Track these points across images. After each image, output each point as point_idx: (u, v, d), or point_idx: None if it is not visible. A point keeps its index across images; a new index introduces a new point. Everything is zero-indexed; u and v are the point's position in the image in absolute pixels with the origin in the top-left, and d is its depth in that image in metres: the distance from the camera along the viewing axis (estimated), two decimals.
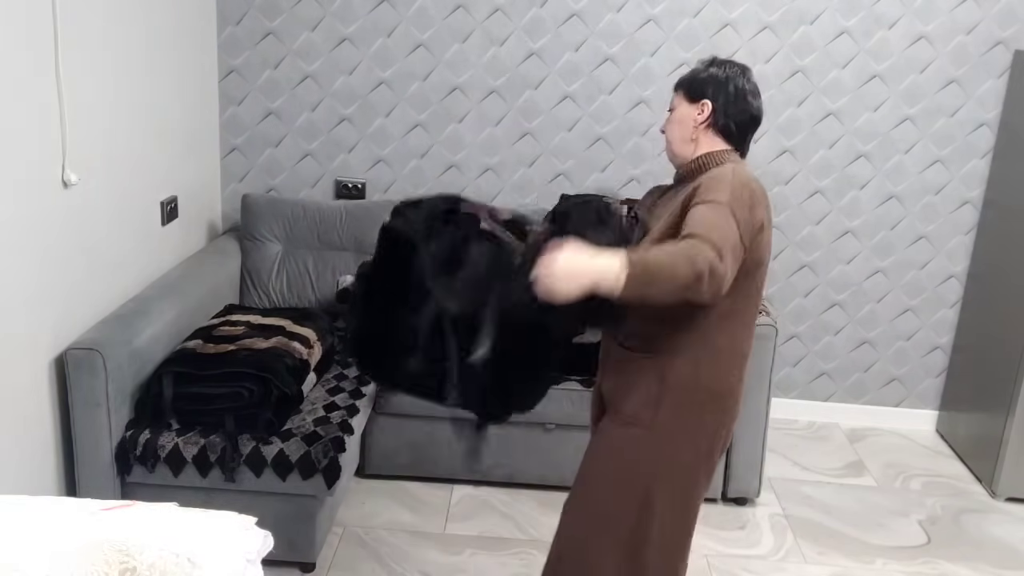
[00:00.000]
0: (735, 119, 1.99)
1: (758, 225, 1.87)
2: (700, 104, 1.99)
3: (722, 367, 1.99)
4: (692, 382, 1.97)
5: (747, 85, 2.02)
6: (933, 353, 3.86)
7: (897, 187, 3.68)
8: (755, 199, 1.88)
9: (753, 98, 2.02)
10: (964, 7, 3.46)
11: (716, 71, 2.02)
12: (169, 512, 1.53)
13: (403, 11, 3.54)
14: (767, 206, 1.92)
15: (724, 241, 1.75)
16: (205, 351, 2.69)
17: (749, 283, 1.92)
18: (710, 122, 1.99)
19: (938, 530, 3.16)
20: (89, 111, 2.61)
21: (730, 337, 1.98)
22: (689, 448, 2.01)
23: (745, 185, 1.88)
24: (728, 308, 1.92)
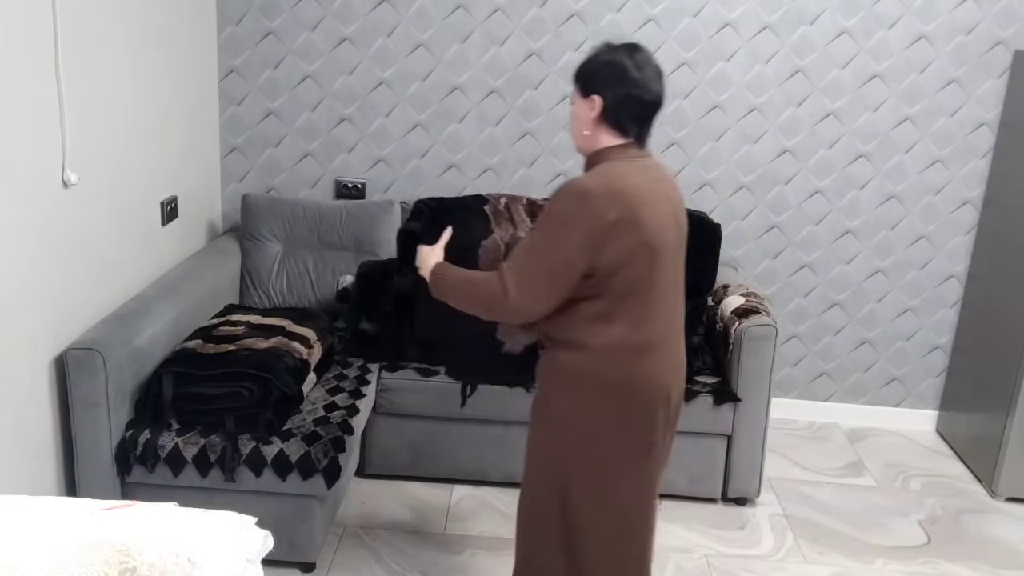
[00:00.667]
0: (626, 112, 1.98)
1: (602, 231, 1.88)
2: (591, 99, 1.98)
3: (614, 360, 1.99)
4: (579, 375, 2.00)
5: (637, 74, 1.97)
6: (933, 353, 3.86)
7: (897, 187, 3.68)
8: (589, 215, 1.88)
9: (647, 84, 1.98)
10: (964, 7, 3.46)
11: (604, 60, 1.99)
12: (169, 512, 1.53)
13: (403, 11, 3.54)
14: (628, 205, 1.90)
15: (524, 276, 1.92)
16: (205, 351, 2.69)
17: (615, 285, 1.94)
18: (602, 117, 1.98)
19: (938, 530, 3.16)
20: (89, 111, 2.61)
21: (614, 335, 1.97)
22: (591, 439, 2.03)
23: (584, 200, 1.89)
24: (602, 310, 1.96)
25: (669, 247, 1.99)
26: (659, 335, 2.02)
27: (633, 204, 1.91)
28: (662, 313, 2.02)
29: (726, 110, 3.62)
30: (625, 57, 1.97)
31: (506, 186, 3.72)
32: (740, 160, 3.67)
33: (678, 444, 3.15)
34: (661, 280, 1.99)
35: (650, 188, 1.96)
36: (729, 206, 3.72)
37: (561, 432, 2.04)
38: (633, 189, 1.93)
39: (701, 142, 3.66)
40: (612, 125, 1.99)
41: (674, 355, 2.08)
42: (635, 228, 1.91)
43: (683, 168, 3.68)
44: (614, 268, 1.92)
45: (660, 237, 1.96)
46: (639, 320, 1.98)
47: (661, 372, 2.03)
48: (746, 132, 3.64)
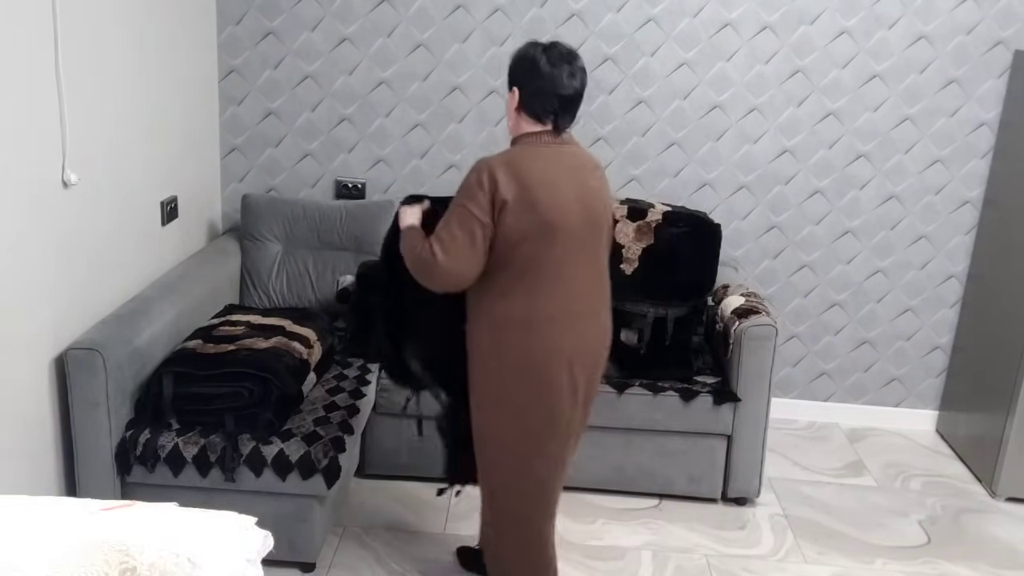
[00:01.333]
0: (540, 103, 2.18)
1: (499, 206, 2.11)
2: (513, 91, 2.21)
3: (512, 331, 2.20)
4: (484, 349, 2.25)
5: (548, 68, 2.17)
6: (933, 353, 3.86)
7: (897, 187, 3.68)
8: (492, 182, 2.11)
9: (558, 78, 2.17)
10: (964, 7, 3.46)
11: (521, 56, 2.21)
12: (169, 512, 1.53)
13: (403, 11, 3.54)
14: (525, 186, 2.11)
15: (445, 240, 2.14)
16: (205, 351, 2.69)
17: (513, 259, 2.16)
18: (521, 107, 2.21)
19: (938, 530, 3.16)
20: (89, 111, 2.61)
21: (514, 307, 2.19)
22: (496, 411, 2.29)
23: (483, 170, 2.13)
24: (503, 284, 2.19)
25: (572, 228, 2.17)
26: (558, 310, 2.20)
27: (529, 185, 2.12)
28: (560, 289, 2.19)
29: (726, 110, 3.62)
30: (539, 53, 2.19)
31: None
32: (740, 160, 3.67)
33: (678, 444, 3.16)
34: (561, 258, 2.17)
35: (556, 172, 2.17)
36: (729, 206, 3.72)
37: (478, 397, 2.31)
38: (533, 171, 2.14)
39: (701, 142, 3.66)
40: (529, 114, 2.20)
41: (580, 330, 2.25)
42: (531, 208, 2.12)
43: (683, 168, 3.68)
44: (511, 243, 2.13)
45: (560, 218, 2.14)
46: (536, 295, 2.18)
47: (561, 345, 2.21)
48: (746, 132, 3.64)
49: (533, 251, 2.15)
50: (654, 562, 2.88)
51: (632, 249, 3.16)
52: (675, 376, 3.16)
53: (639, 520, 3.12)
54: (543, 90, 2.17)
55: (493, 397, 2.28)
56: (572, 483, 3.24)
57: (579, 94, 2.22)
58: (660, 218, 3.18)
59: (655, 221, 3.17)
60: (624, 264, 3.16)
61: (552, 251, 2.16)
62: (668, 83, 3.60)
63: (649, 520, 3.12)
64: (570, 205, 2.16)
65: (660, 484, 3.21)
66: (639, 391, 3.10)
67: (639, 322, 3.16)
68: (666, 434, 3.14)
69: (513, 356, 2.22)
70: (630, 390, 3.10)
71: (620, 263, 3.16)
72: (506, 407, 2.27)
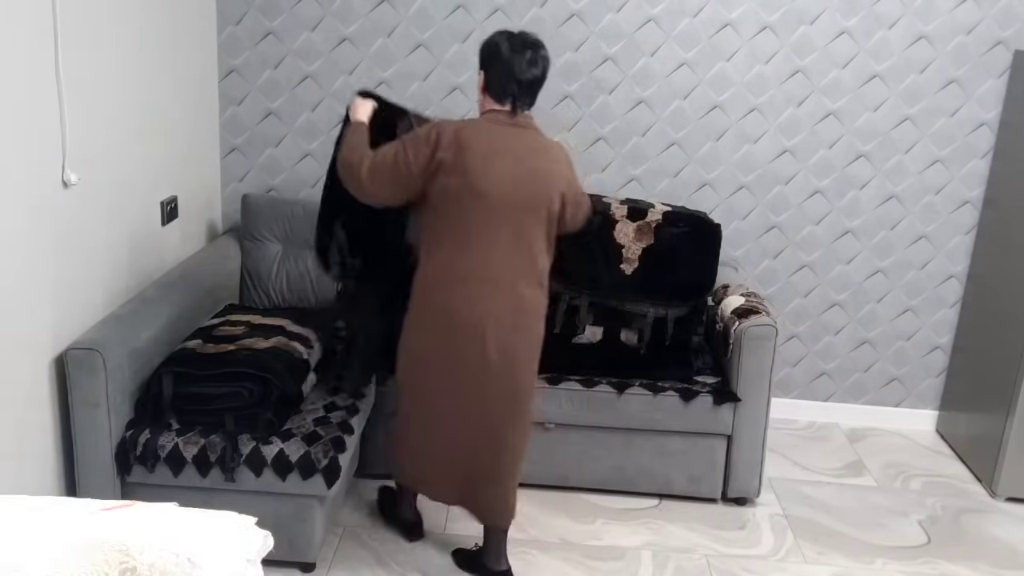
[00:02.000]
0: (501, 85, 2.42)
1: (435, 163, 2.36)
2: (480, 73, 2.47)
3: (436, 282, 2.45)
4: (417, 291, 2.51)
5: (510, 55, 2.40)
6: (933, 353, 3.86)
7: (897, 187, 3.68)
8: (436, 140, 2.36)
9: (517, 64, 2.40)
10: (964, 7, 3.46)
11: (488, 42, 2.46)
12: (169, 512, 1.53)
13: (403, 11, 3.54)
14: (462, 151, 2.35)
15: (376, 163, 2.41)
16: (205, 351, 2.69)
17: (439, 218, 2.42)
18: (486, 88, 2.46)
19: (938, 530, 3.16)
20: (89, 111, 2.61)
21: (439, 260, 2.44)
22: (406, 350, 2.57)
23: (435, 127, 2.40)
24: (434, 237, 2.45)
25: (500, 199, 2.38)
26: (469, 272, 2.42)
27: (467, 150, 2.35)
28: (475, 252, 2.41)
29: (726, 110, 3.62)
30: (503, 40, 2.43)
31: None
32: (740, 160, 3.67)
33: (678, 444, 3.16)
34: (482, 225, 2.39)
35: (499, 145, 2.40)
36: (729, 206, 3.72)
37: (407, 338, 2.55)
38: (476, 140, 2.37)
39: (701, 142, 3.66)
40: (492, 95, 2.45)
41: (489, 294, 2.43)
42: (462, 171, 2.35)
43: (683, 168, 3.68)
44: (441, 202, 2.39)
45: (488, 187, 2.36)
46: (454, 255, 2.41)
47: (475, 300, 2.42)
48: (746, 132, 3.64)
49: (457, 213, 2.39)
50: (654, 562, 2.88)
51: (632, 249, 3.16)
52: (675, 376, 3.16)
53: (639, 520, 3.12)
54: (504, 74, 2.40)
55: (404, 340, 2.56)
56: (572, 483, 3.24)
57: (538, 80, 2.44)
58: (660, 218, 3.18)
59: (655, 221, 3.17)
60: (624, 264, 3.16)
61: (474, 216, 2.39)
62: (668, 83, 3.60)
63: (649, 520, 3.13)
64: (504, 177, 2.38)
65: (660, 484, 3.21)
66: (639, 391, 3.10)
67: (639, 322, 3.17)
68: (666, 434, 3.14)
69: (423, 306, 2.49)
70: (630, 390, 3.10)
71: (620, 263, 3.16)
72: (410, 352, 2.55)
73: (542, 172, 2.45)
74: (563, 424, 3.14)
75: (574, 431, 3.16)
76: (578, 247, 3.15)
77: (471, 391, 2.52)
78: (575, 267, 3.16)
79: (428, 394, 2.57)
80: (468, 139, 2.37)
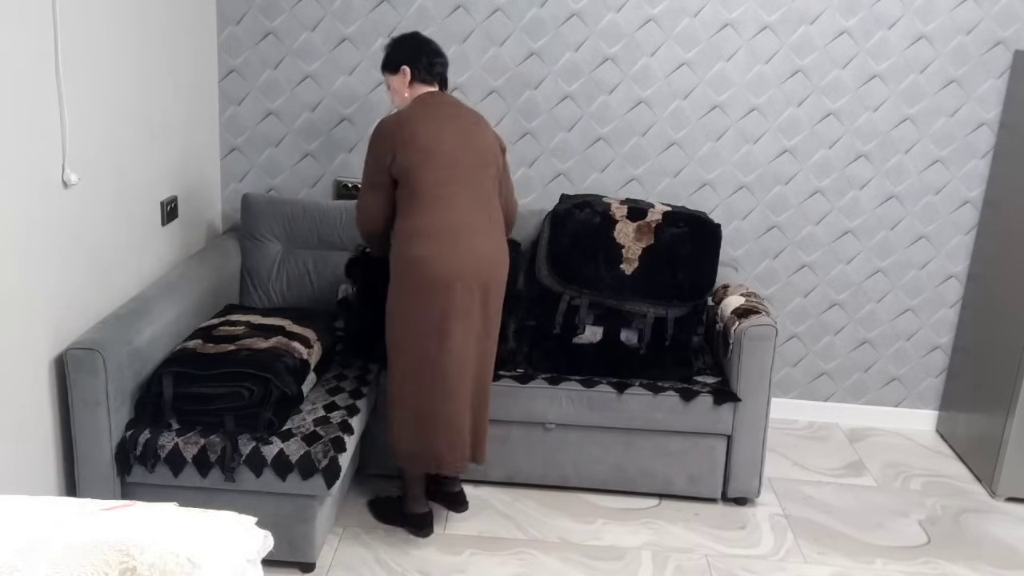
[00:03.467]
0: (430, 68, 2.81)
1: (391, 146, 2.67)
2: (401, 71, 2.80)
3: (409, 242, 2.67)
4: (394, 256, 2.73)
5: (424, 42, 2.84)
6: (933, 353, 3.86)
7: (897, 187, 3.68)
8: (386, 138, 2.69)
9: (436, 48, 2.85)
10: (964, 7, 3.46)
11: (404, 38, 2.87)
12: (169, 512, 1.53)
13: (403, 11, 3.54)
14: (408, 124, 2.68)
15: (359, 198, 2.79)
16: (205, 351, 2.69)
17: (405, 191, 2.68)
18: (414, 78, 2.81)
19: (938, 530, 3.16)
20: (89, 111, 2.61)
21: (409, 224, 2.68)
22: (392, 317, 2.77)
23: (381, 130, 2.72)
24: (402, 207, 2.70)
25: (449, 156, 2.68)
26: (437, 226, 2.66)
27: (410, 125, 2.68)
28: (439, 207, 2.67)
29: (726, 110, 3.62)
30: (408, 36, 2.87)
31: None
32: (740, 160, 3.67)
33: (678, 444, 3.16)
34: (439, 182, 2.66)
35: (436, 114, 2.72)
36: (729, 206, 3.72)
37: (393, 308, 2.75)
38: (416, 117, 2.70)
39: (701, 142, 3.66)
40: (421, 81, 2.81)
41: (463, 243, 2.68)
42: (412, 142, 2.65)
43: (683, 168, 3.68)
44: (404, 176, 2.66)
45: (437, 146, 2.67)
46: (422, 213, 2.65)
47: (441, 255, 2.65)
48: (746, 132, 3.64)
49: (416, 177, 2.65)
50: (654, 562, 2.88)
51: (632, 249, 3.16)
52: (675, 376, 3.16)
53: (639, 520, 3.12)
54: (429, 56, 2.80)
55: (392, 301, 2.74)
56: (572, 483, 3.24)
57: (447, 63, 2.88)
58: (660, 218, 3.18)
59: (655, 221, 3.17)
60: (624, 264, 3.16)
61: (431, 175, 2.65)
62: (668, 83, 3.60)
63: (649, 520, 3.13)
64: (448, 138, 2.68)
65: (660, 484, 3.21)
66: (639, 391, 3.10)
67: (639, 322, 3.17)
68: (666, 434, 3.14)
69: (404, 264, 2.68)
70: (630, 390, 3.10)
71: (620, 263, 3.16)
72: (399, 309, 2.72)
73: (480, 132, 2.78)
74: (563, 424, 3.14)
75: (574, 431, 3.16)
76: (579, 247, 3.16)
77: (460, 334, 2.71)
78: (575, 267, 3.16)
79: (425, 350, 2.70)
80: (410, 118, 2.70)
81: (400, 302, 2.72)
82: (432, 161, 2.66)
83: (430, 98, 2.78)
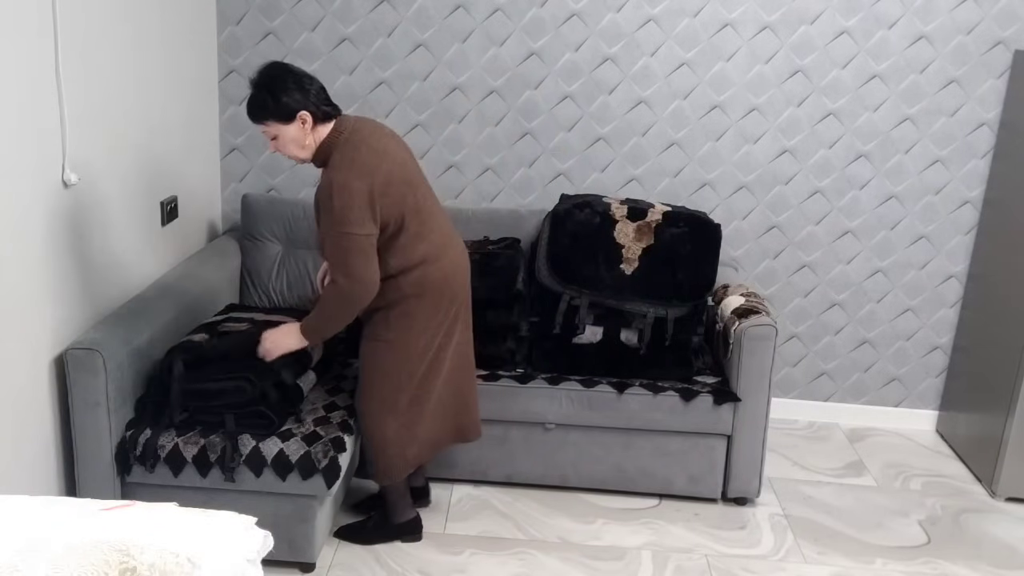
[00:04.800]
0: (326, 102, 2.47)
1: (370, 199, 2.40)
2: (299, 117, 2.42)
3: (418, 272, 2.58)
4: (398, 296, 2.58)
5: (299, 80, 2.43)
6: (933, 353, 3.86)
7: (897, 187, 3.68)
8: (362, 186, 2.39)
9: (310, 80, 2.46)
10: (964, 7, 3.46)
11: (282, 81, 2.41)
12: (169, 512, 1.53)
13: (403, 11, 3.54)
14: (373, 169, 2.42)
15: (345, 265, 2.43)
16: (210, 344, 2.69)
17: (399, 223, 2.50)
18: (316, 120, 2.44)
19: (938, 530, 3.16)
20: (89, 111, 2.61)
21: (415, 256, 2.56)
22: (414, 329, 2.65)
23: (348, 181, 2.39)
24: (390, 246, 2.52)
25: (413, 176, 2.55)
26: (439, 246, 2.61)
27: (376, 164, 2.43)
28: (433, 226, 2.60)
29: (726, 110, 3.62)
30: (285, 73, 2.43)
31: (506, 186, 3.72)
32: (740, 160, 3.67)
33: (678, 444, 3.16)
34: (420, 202, 2.55)
35: (378, 141, 2.48)
36: (729, 206, 3.72)
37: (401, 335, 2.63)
38: (372, 152, 2.44)
39: (701, 142, 3.66)
40: (324, 118, 2.46)
41: (452, 256, 2.66)
42: (387, 179, 2.44)
43: (683, 168, 3.68)
44: (392, 214, 2.47)
45: (404, 173, 2.51)
46: (421, 240, 2.55)
47: (448, 272, 2.63)
48: (746, 132, 3.64)
49: (404, 208, 2.50)
50: (654, 562, 2.88)
51: (632, 249, 3.16)
52: (675, 376, 3.16)
53: (639, 520, 3.12)
54: (318, 92, 2.45)
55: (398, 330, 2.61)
56: (572, 483, 3.24)
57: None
58: (660, 218, 3.18)
59: (655, 221, 3.17)
60: (624, 264, 3.16)
61: (413, 203, 2.52)
62: (668, 83, 3.60)
63: (649, 520, 3.13)
64: (402, 160, 2.53)
65: (660, 484, 3.21)
66: (639, 391, 3.10)
67: (639, 322, 3.17)
68: (666, 434, 3.14)
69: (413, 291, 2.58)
70: (630, 390, 3.10)
71: (620, 263, 3.16)
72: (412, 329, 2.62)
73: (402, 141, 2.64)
74: (563, 424, 3.14)
75: (574, 431, 3.16)
76: (579, 247, 3.15)
77: (459, 333, 2.75)
78: (575, 267, 3.16)
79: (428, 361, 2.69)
80: (364, 157, 2.44)
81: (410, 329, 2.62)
82: (409, 188, 2.52)
83: (348, 129, 2.48)
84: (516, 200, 3.74)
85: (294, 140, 2.45)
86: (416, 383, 2.69)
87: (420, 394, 2.72)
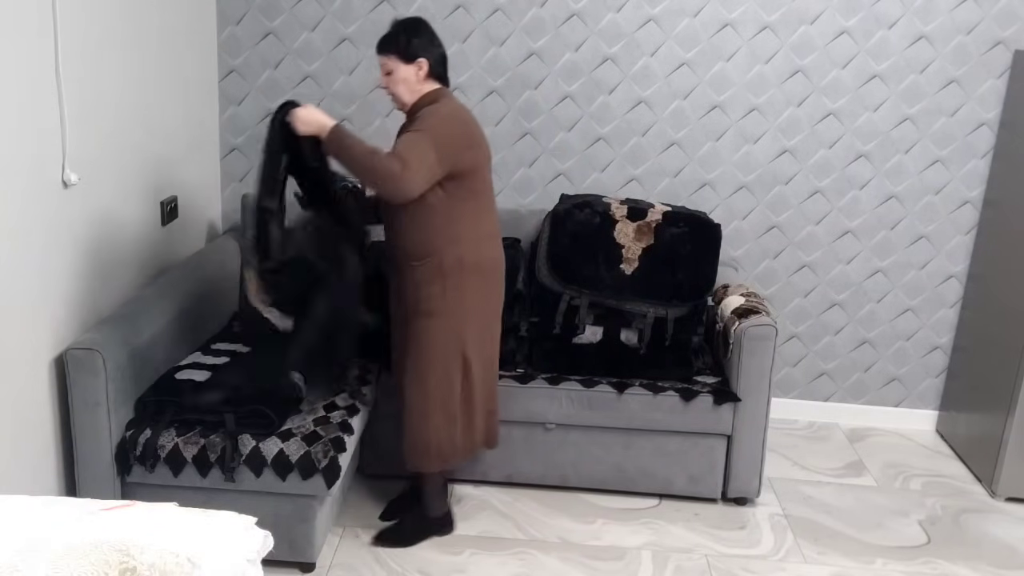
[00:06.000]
0: (443, 67, 2.65)
1: (464, 145, 2.55)
2: (418, 63, 2.58)
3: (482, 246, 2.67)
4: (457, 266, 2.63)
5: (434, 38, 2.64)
6: (933, 353, 3.86)
7: (897, 187, 3.68)
8: (461, 128, 2.56)
9: (438, 41, 2.65)
10: (964, 7, 3.46)
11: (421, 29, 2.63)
12: (169, 512, 1.53)
13: (403, 11, 3.54)
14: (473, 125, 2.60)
15: (413, 158, 2.43)
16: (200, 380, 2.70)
17: (465, 185, 2.58)
18: (427, 74, 2.59)
19: (938, 530, 3.16)
20: (89, 111, 2.62)
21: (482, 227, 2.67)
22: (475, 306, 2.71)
23: (453, 117, 2.56)
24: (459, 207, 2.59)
25: (488, 158, 2.67)
26: (497, 233, 2.74)
27: (473, 125, 2.61)
28: (492, 209, 2.71)
29: (726, 110, 3.62)
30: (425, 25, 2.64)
31: (506, 186, 3.72)
32: (740, 160, 3.67)
33: (678, 444, 3.16)
34: (489, 184, 2.69)
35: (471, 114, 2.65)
36: (729, 206, 3.72)
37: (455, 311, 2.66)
38: (470, 116, 2.63)
39: (701, 142, 3.66)
40: (436, 76, 2.63)
41: (498, 242, 2.76)
42: (478, 144, 2.60)
43: (683, 168, 3.68)
44: (468, 172, 2.56)
45: (487, 151, 2.65)
46: (488, 214, 2.68)
47: (500, 259, 2.75)
48: (746, 132, 3.64)
49: (483, 177, 2.64)
50: (654, 562, 2.88)
51: (632, 249, 3.16)
52: (675, 376, 3.16)
53: (639, 520, 3.12)
54: (442, 56, 2.64)
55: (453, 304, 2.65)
56: (572, 483, 3.24)
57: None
58: (660, 218, 3.18)
59: (655, 221, 3.17)
60: (624, 264, 3.16)
61: (487, 178, 2.66)
62: (668, 83, 3.60)
63: (649, 520, 3.13)
64: (484, 139, 2.65)
65: (660, 484, 3.21)
66: (639, 391, 3.10)
67: (639, 322, 3.17)
68: (666, 434, 3.14)
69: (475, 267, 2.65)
70: (630, 390, 3.10)
71: (620, 263, 3.16)
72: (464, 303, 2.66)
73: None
74: (563, 424, 3.14)
75: (574, 431, 3.16)
76: (579, 247, 3.15)
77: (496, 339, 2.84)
78: (575, 267, 3.16)
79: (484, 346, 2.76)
80: (468, 116, 2.62)
81: (463, 304, 2.67)
82: (487, 162, 2.66)
83: (452, 97, 2.66)
84: (516, 200, 3.74)
85: (405, 80, 2.60)
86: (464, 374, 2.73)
87: (467, 386, 2.76)
